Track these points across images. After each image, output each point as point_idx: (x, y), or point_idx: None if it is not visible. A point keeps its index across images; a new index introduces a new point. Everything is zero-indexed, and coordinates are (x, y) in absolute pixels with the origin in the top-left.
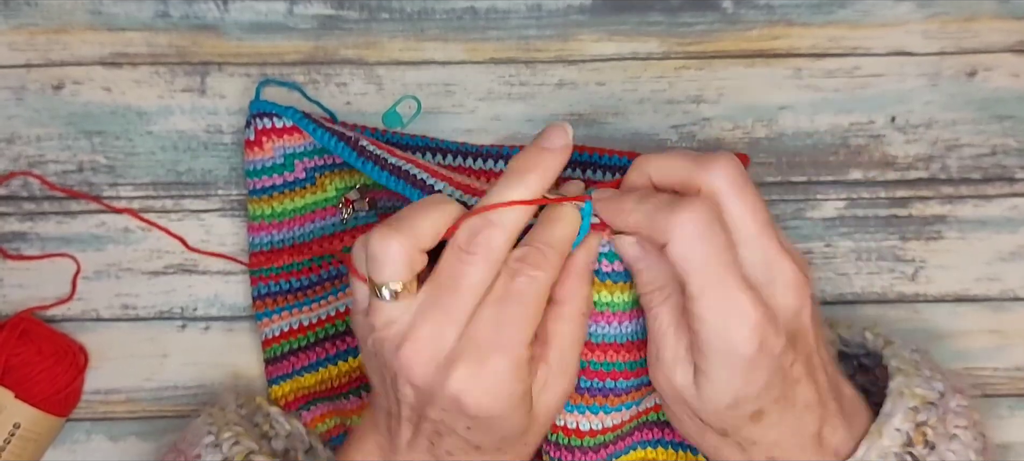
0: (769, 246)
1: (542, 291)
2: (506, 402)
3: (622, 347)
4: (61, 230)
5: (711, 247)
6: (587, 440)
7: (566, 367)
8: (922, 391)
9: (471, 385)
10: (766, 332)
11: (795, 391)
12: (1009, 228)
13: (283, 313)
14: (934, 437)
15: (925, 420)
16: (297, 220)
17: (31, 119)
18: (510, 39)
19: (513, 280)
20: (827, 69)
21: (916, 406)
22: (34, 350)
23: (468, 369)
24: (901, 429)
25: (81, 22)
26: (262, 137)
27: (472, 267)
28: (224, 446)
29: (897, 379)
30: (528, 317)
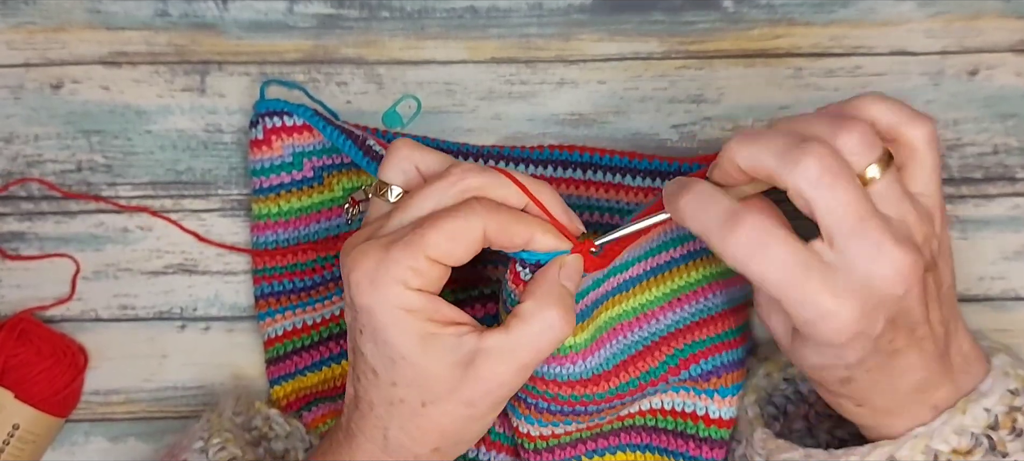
0: (867, 236)
1: (471, 225)
2: (385, 303)
3: (589, 381)
4: (60, 230)
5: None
6: (564, 439)
7: (516, 352)
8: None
9: (364, 269)
10: (860, 326)
11: (893, 360)
12: (1012, 227)
13: (286, 313)
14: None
15: (1021, 405)
16: (302, 219)
17: (29, 118)
18: (511, 38)
19: (455, 205)
20: (828, 68)
21: (1016, 388)
22: (33, 350)
23: (365, 251)
24: (992, 410)
25: (80, 21)
26: (271, 135)
27: (434, 186)
28: (210, 451)
29: (1000, 357)
30: (446, 230)
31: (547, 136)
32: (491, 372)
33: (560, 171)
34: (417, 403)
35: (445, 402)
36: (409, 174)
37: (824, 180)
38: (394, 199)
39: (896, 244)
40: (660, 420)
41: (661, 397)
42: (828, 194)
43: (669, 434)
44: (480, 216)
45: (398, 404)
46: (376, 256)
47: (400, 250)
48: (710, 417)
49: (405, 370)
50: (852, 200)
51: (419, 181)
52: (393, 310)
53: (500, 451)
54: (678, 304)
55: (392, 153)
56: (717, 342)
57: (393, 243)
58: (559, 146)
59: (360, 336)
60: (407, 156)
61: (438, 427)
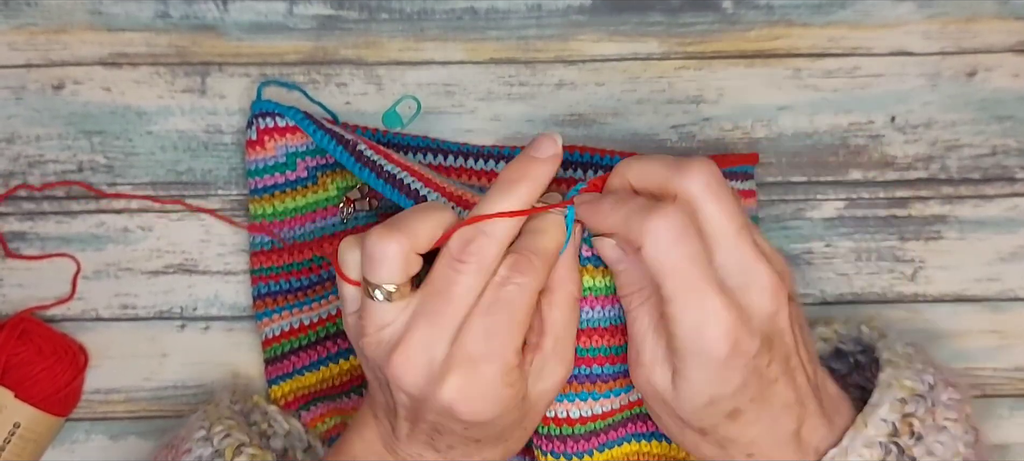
0: (745, 250)
1: (530, 298)
2: (499, 406)
3: (606, 331)
4: (61, 230)
5: (684, 251)
6: (578, 428)
7: (561, 353)
8: (911, 383)
9: (463, 394)
10: (739, 334)
11: (772, 391)
12: (1009, 228)
13: (283, 312)
14: (921, 428)
15: (913, 411)
16: (298, 219)
17: (31, 119)
18: (510, 39)
19: (502, 288)
20: (827, 69)
21: (904, 397)
22: (34, 350)
23: (459, 379)
24: (887, 419)
25: (81, 22)
26: (264, 136)
27: (464, 276)
28: (215, 439)
29: (887, 371)
30: (516, 324)
31: None
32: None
33: (560, 171)
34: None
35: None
36: (410, 265)
37: (711, 186)
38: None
39: (766, 263)
40: None
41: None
42: (714, 200)
43: None
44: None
45: (471, 444)
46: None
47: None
48: None
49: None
50: (734, 211)
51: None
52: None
53: None
54: None
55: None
56: None
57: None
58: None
59: (475, 444)
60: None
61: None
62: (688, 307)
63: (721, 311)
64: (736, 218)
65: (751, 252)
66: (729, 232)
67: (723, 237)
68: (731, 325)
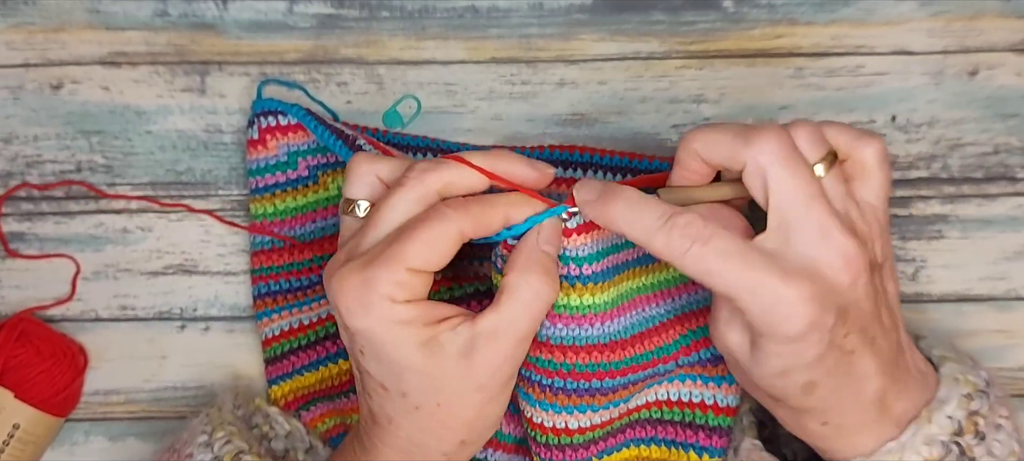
0: (817, 219)
1: (447, 230)
2: (378, 319)
3: (606, 347)
4: (60, 231)
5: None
6: (577, 438)
7: (497, 336)
8: (974, 378)
9: (343, 288)
10: (812, 312)
11: (850, 362)
12: (1012, 227)
13: (283, 312)
14: (985, 427)
15: (978, 408)
16: (299, 218)
17: (29, 119)
18: (511, 38)
19: (426, 212)
20: (829, 68)
21: (970, 393)
22: (33, 351)
23: (347, 273)
24: (954, 416)
25: (79, 21)
26: (266, 135)
27: (397, 194)
28: (215, 445)
29: (948, 365)
30: (420, 241)
31: (547, 136)
32: (492, 352)
33: (560, 171)
34: (433, 405)
35: (458, 395)
36: (373, 186)
37: (779, 156)
38: (362, 214)
39: (842, 230)
40: (665, 412)
41: (667, 386)
42: (782, 169)
43: (676, 425)
44: (452, 218)
45: (413, 412)
46: (359, 278)
47: (381, 268)
48: (719, 406)
49: (412, 379)
50: (804, 179)
51: (384, 191)
52: (388, 327)
53: (497, 449)
54: (695, 285)
55: (351, 169)
56: None
57: (372, 262)
58: (559, 146)
59: (362, 356)
60: (367, 170)
61: (459, 420)
62: (751, 297)
63: (786, 292)
64: (807, 186)
65: (825, 221)
66: (799, 202)
67: (793, 207)
68: (802, 303)
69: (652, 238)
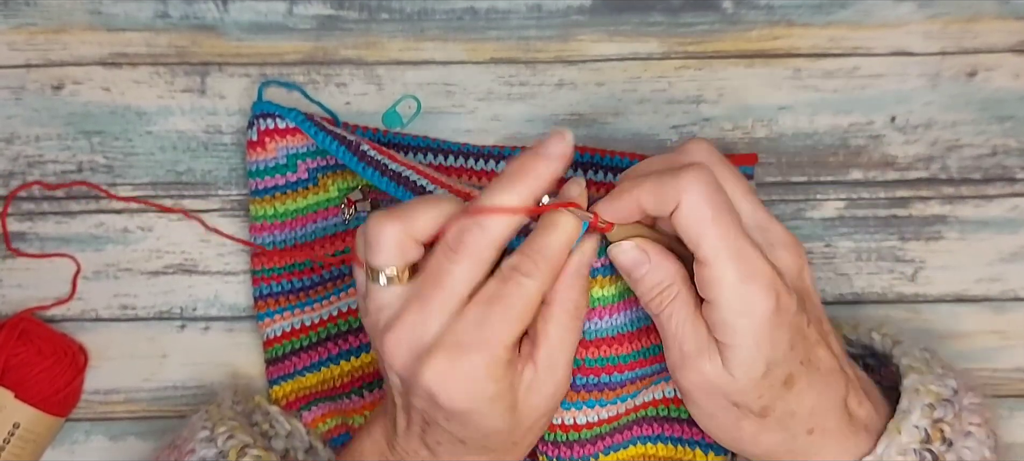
0: (759, 210)
1: (531, 297)
2: (480, 400)
3: (614, 340)
4: (60, 230)
5: (720, 204)
6: (584, 433)
7: (555, 368)
8: (937, 388)
9: (444, 379)
10: (779, 288)
11: (816, 354)
12: (1010, 228)
13: (285, 313)
14: (951, 434)
15: (942, 417)
16: (299, 220)
17: (30, 119)
18: (510, 39)
19: (503, 284)
20: (827, 69)
21: (932, 403)
22: (34, 350)
23: (442, 362)
24: (920, 426)
25: (81, 22)
26: (265, 138)
27: (456, 265)
28: (219, 440)
29: (911, 376)
30: (512, 319)
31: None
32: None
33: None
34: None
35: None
36: (407, 251)
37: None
38: (386, 283)
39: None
40: (672, 409)
41: (674, 385)
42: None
43: (682, 423)
44: (532, 289)
45: (458, 445)
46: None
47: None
48: None
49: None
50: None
51: (418, 250)
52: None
53: None
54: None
55: (377, 235)
56: None
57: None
58: None
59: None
60: (395, 232)
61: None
62: (731, 264)
63: (761, 265)
64: (743, 182)
65: (765, 212)
66: (743, 193)
67: (740, 198)
68: (772, 278)
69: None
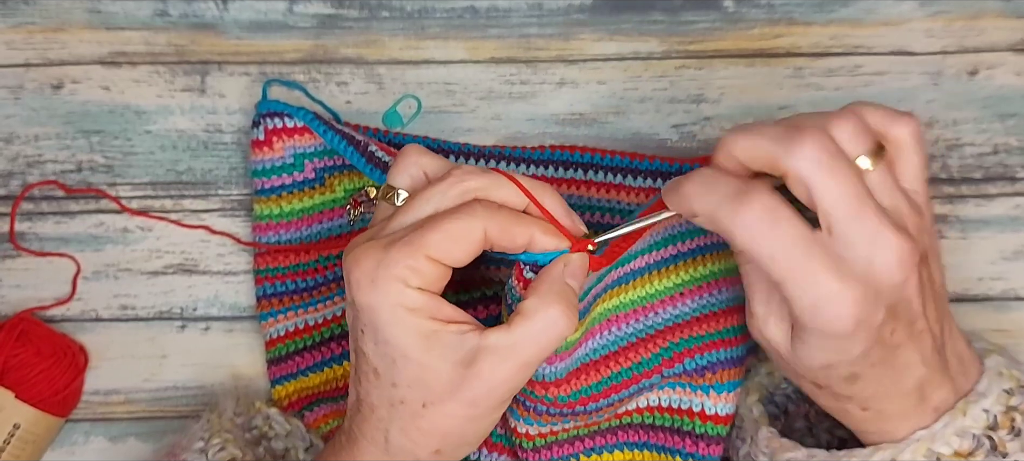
0: (865, 220)
1: (472, 227)
2: (386, 303)
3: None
4: (60, 230)
5: (780, 241)
6: (561, 435)
7: (516, 351)
8: (1018, 373)
9: (364, 268)
10: (862, 312)
11: (895, 355)
12: (1012, 227)
13: (288, 313)
14: (1021, 422)
15: (1017, 404)
16: (305, 220)
17: (29, 118)
18: (511, 38)
19: (459, 209)
20: (828, 68)
21: (1011, 388)
22: (33, 351)
23: (371, 249)
24: (990, 410)
25: (80, 21)
26: (272, 137)
27: (435, 187)
28: (210, 452)
29: (993, 358)
30: (445, 234)
31: (547, 136)
32: (492, 370)
33: (560, 171)
34: (418, 404)
35: (446, 403)
36: (416, 178)
37: (822, 162)
38: (400, 203)
39: (894, 230)
40: (657, 417)
41: (658, 393)
42: (827, 176)
43: (666, 431)
44: (480, 217)
45: (399, 405)
46: (376, 255)
47: (400, 249)
48: (706, 413)
49: (406, 369)
50: (850, 183)
51: (425, 184)
52: (394, 308)
53: (502, 452)
54: (681, 298)
55: (401, 158)
56: (716, 339)
57: (393, 243)
58: (559, 146)
59: (362, 336)
60: (415, 161)
61: (439, 429)
62: (801, 290)
63: (840, 292)
64: (851, 187)
65: (874, 221)
66: (845, 205)
67: (839, 211)
68: (852, 305)
69: (720, 212)
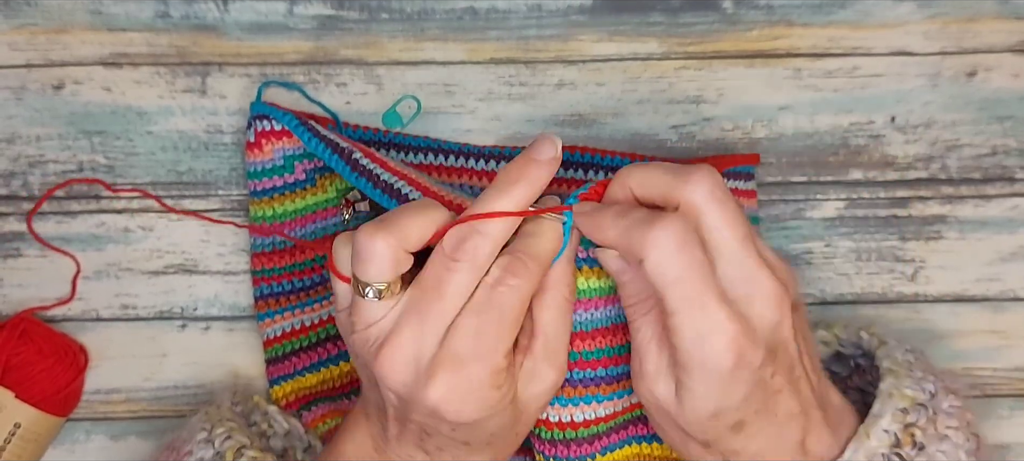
0: (747, 260)
1: (522, 300)
2: (486, 409)
3: (607, 332)
4: (61, 230)
5: (686, 263)
6: (582, 431)
7: (552, 356)
8: (912, 392)
9: (449, 395)
10: (743, 346)
11: (776, 402)
12: (1009, 228)
13: (285, 314)
14: (923, 438)
15: (914, 421)
16: (298, 221)
17: (31, 119)
18: (510, 39)
19: (494, 289)
20: (827, 69)
21: (905, 407)
22: (34, 350)
23: (446, 379)
24: (889, 430)
25: (81, 22)
26: (262, 139)
27: (457, 274)
28: (216, 441)
29: (887, 380)
30: (507, 325)
31: None
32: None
33: (560, 171)
34: (483, 443)
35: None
36: (401, 263)
37: (716, 195)
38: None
39: (769, 273)
40: None
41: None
42: (719, 208)
43: None
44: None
45: (462, 446)
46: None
47: (481, 365)
48: None
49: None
50: (738, 221)
51: (409, 261)
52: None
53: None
54: None
55: (368, 250)
56: None
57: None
58: None
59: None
60: (389, 243)
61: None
62: (692, 319)
63: (725, 323)
64: (739, 227)
65: (754, 262)
66: (732, 242)
67: (726, 247)
68: (735, 337)
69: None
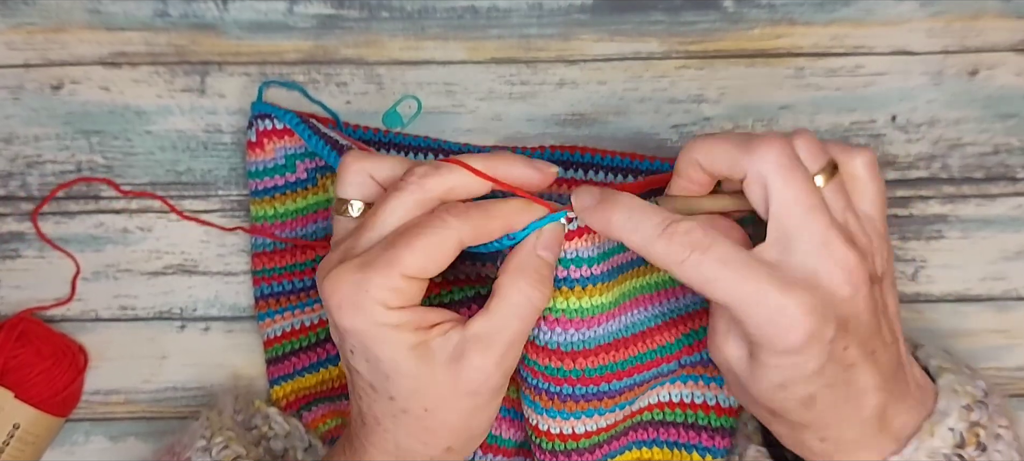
0: (818, 230)
1: (445, 238)
2: (369, 322)
3: (610, 347)
4: (60, 230)
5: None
6: (583, 442)
7: (490, 344)
8: (972, 389)
9: (343, 297)
10: (812, 322)
11: (849, 376)
12: (1012, 227)
13: (285, 314)
14: (985, 438)
15: (978, 420)
16: (299, 220)
17: (29, 119)
18: (511, 38)
19: (425, 217)
20: (829, 68)
21: (969, 404)
22: (33, 351)
23: (345, 276)
24: (955, 429)
25: (80, 21)
26: (263, 138)
27: (397, 197)
28: (214, 450)
29: (946, 376)
30: (418, 248)
31: (547, 136)
32: (483, 357)
33: (561, 171)
34: (420, 410)
35: (447, 401)
36: (366, 186)
37: (782, 164)
38: (356, 214)
39: (842, 240)
40: (668, 413)
41: (669, 389)
42: (781, 180)
43: (678, 426)
44: (452, 227)
45: (401, 415)
46: (353, 278)
47: (376, 272)
48: (721, 406)
49: (401, 382)
50: (803, 190)
51: (378, 191)
52: (379, 329)
53: (496, 454)
54: None
55: (344, 169)
56: None
57: (367, 265)
58: (559, 146)
59: (351, 356)
60: (359, 169)
61: (446, 426)
62: (750, 307)
63: (786, 304)
64: (808, 196)
65: (824, 232)
66: (799, 208)
67: (793, 213)
68: (802, 315)
69: (651, 245)
